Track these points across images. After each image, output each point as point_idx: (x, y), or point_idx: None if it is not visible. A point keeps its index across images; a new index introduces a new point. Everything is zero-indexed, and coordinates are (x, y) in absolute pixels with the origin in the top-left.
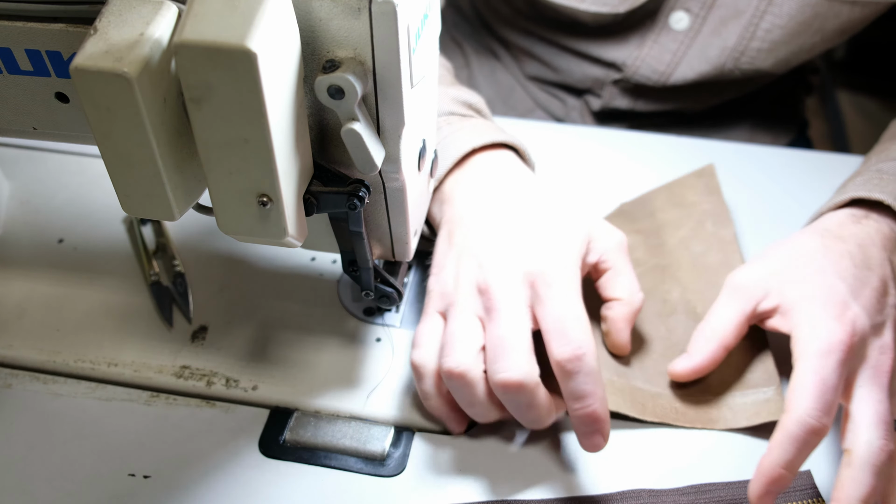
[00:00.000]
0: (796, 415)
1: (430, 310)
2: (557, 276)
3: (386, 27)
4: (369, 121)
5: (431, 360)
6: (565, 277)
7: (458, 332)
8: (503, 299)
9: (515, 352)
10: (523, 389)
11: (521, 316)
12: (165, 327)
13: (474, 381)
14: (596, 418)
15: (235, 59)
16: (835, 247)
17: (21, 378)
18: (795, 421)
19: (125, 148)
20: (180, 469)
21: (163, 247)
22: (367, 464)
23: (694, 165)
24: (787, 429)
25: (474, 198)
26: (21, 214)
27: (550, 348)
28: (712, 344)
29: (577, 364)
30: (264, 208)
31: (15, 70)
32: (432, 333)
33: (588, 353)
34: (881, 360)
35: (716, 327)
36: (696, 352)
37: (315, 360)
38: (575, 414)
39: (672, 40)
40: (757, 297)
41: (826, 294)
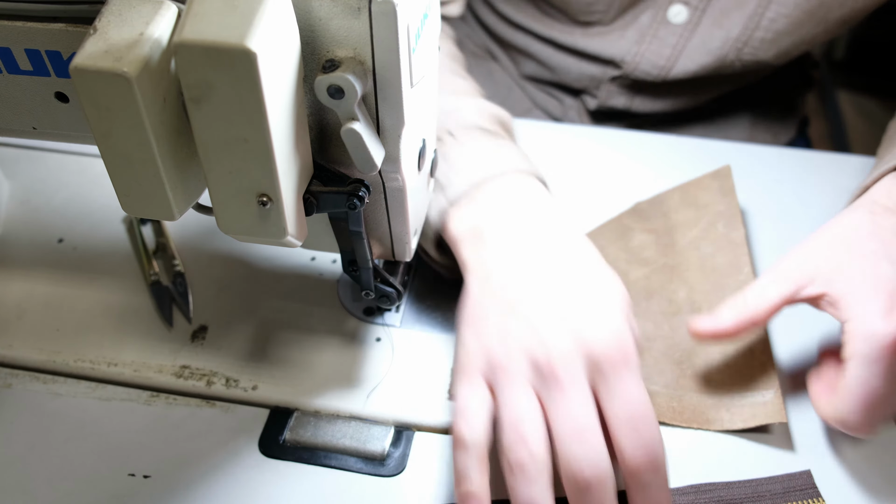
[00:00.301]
0: (845, 428)
1: (473, 372)
2: (624, 355)
3: (386, 27)
4: (369, 120)
5: (482, 437)
6: (631, 357)
7: (523, 414)
8: (569, 378)
9: (591, 442)
10: (602, 484)
11: (589, 398)
12: (165, 327)
13: (542, 471)
14: None
15: (235, 58)
16: (885, 223)
17: (21, 378)
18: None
19: (125, 148)
20: (180, 469)
21: (163, 247)
22: (367, 464)
23: (694, 165)
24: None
25: (511, 240)
26: (21, 214)
27: (621, 444)
28: (743, 315)
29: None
30: (264, 208)
31: (14, 70)
32: (481, 404)
33: (662, 456)
34: None
35: (750, 302)
36: (724, 316)
37: (315, 359)
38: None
39: (671, 34)
40: (801, 282)
41: (874, 284)
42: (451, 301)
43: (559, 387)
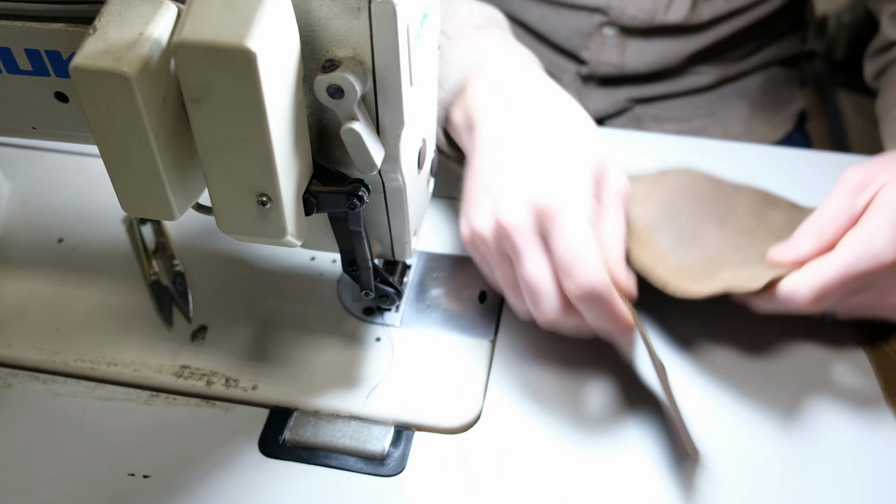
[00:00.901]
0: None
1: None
2: (561, 208)
3: (385, 27)
4: (369, 120)
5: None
6: (568, 208)
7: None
8: (522, 244)
9: (546, 296)
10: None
11: (542, 256)
12: (165, 327)
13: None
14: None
15: (235, 58)
16: None
17: (21, 378)
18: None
19: (125, 147)
20: (180, 468)
21: (162, 246)
22: (367, 463)
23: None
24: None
25: (497, 123)
26: (21, 214)
27: (564, 286)
28: (819, 241)
29: (590, 302)
30: (264, 208)
31: (14, 70)
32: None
33: (599, 288)
34: None
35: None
36: (802, 244)
37: (315, 359)
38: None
39: None
40: (859, 188)
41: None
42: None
43: (516, 253)
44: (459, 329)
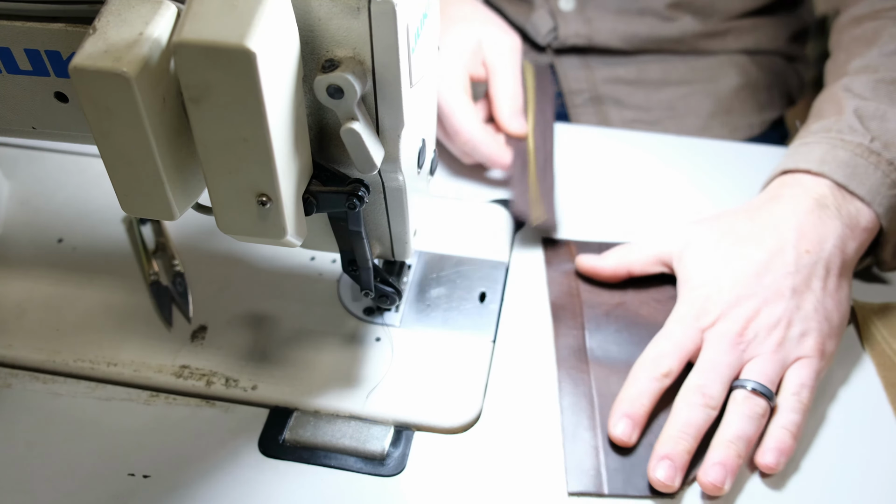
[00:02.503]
0: (640, 358)
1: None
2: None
3: (385, 27)
4: (369, 120)
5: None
6: (448, 94)
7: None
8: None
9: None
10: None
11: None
12: (165, 327)
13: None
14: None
15: (234, 58)
16: (738, 227)
17: (21, 378)
18: (638, 362)
19: (124, 148)
20: (180, 469)
21: (162, 246)
22: (367, 463)
23: (695, 164)
24: (633, 370)
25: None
26: (21, 214)
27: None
28: (621, 262)
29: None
30: (263, 208)
31: (14, 70)
32: None
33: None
34: (727, 327)
35: (632, 256)
36: (605, 259)
37: (315, 359)
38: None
39: None
40: (662, 256)
41: (697, 269)
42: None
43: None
44: (459, 329)
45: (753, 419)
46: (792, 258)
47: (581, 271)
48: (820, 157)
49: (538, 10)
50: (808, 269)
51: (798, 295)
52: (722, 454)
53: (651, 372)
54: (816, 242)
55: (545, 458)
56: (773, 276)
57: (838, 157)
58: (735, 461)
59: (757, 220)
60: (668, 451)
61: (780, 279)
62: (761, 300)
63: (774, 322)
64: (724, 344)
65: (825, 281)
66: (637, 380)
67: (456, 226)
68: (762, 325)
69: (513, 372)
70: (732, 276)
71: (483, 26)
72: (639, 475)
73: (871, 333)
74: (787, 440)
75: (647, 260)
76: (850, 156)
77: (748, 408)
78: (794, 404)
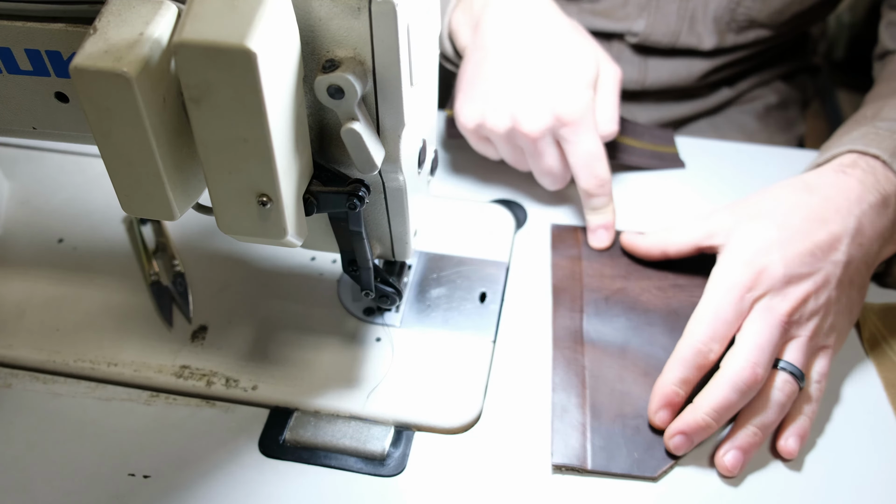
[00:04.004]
0: (688, 340)
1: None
2: (579, 118)
3: (386, 27)
4: (369, 120)
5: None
6: (585, 119)
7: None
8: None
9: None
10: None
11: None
12: (165, 327)
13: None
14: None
15: (235, 58)
16: (795, 199)
17: (21, 378)
18: (687, 345)
19: (125, 148)
20: (180, 469)
21: (163, 246)
22: (367, 463)
23: (696, 165)
24: (680, 351)
25: (501, 27)
26: (21, 214)
27: (578, 180)
28: (658, 245)
29: (601, 190)
30: (264, 208)
31: (15, 70)
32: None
33: (608, 184)
34: (778, 304)
35: (670, 238)
36: (646, 238)
37: (315, 359)
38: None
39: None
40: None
41: (752, 240)
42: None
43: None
44: (459, 329)
45: (786, 406)
46: (847, 249)
47: (622, 246)
48: (892, 149)
49: None
50: (855, 265)
51: (840, 288)
52: (747, 440)
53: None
54: (869, 238)
55: (545, 458)
56: (829, 261)
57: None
58: (755, 447)
59: (819, 193)
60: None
61: (833, 267)
62: (813, 284)
63: (817, 309)
64: (774, 320)
65: (864, 279)
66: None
67: (456, 226)
68: (808, 310)
69: (513, 372)
70: (792, 251)
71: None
72: (622, 454)
73: (872, 333)
74: (807, 427)
75: (685, 243)
76: None
77: (784, 394)
78: (816, 393)
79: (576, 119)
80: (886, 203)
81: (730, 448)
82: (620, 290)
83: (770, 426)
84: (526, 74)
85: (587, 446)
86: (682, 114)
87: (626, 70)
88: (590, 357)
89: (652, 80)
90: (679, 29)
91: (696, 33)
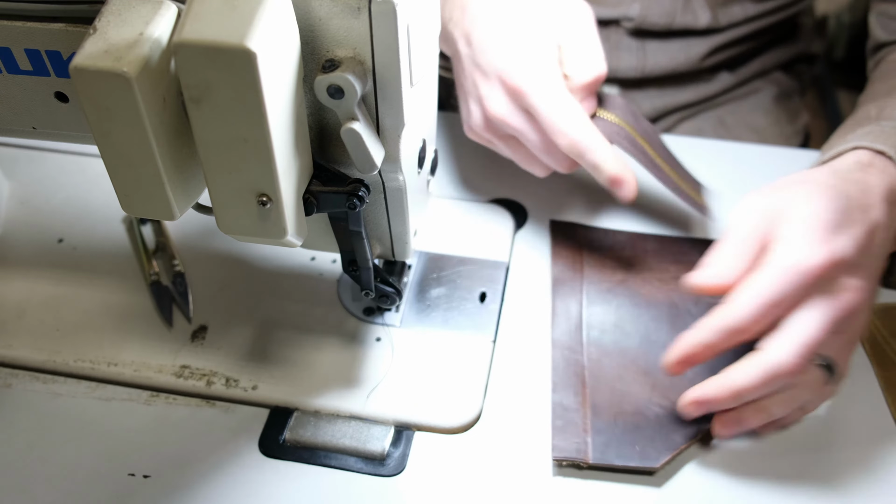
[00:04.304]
0: (731, 310)
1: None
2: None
3: (385, 27)
4: (369, 120)
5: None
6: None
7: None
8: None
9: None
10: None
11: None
12: (165, 327)
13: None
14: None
15: (235, 58)
16: (839, 185)
17: (21, 378)
18: (728, 314)
19: (125, 148)
20: (180, 469)
21: (162, 246)
22: (367, 463)
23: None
24: (717, 319)
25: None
26: (21, 214)
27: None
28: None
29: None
30: (264, 208)
31: (14, 70)
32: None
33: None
34: (843, 296)
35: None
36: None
37: (315, 359)
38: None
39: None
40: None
41: (814, 219)
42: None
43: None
44: (459, 329)
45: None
46: (880, 241)
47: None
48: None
49: None
50: (877, 261)
51: (872, 282)
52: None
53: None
54: (891, 232)
55: (545, 457)
56: (871, 254)
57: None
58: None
59: (852, 183)
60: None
61: (874, 259)
62: (867, 276)
63: (863, 304)
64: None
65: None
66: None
67: (456, 226)
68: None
69: (513, 372)
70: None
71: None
72: (623, 447)
73: (872, 333)
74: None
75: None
76: None
77: (813, 392)
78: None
79: (524, 85)
80: (892, 199)
81: (731, 418)
82: (622, 282)
83: (781, 416)
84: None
85: (587, 440)
86: (685, 100)
87: (626, 58)
88: (589, 356)
89: (651, 66)
90: (674, 9)
91: (692, 10)
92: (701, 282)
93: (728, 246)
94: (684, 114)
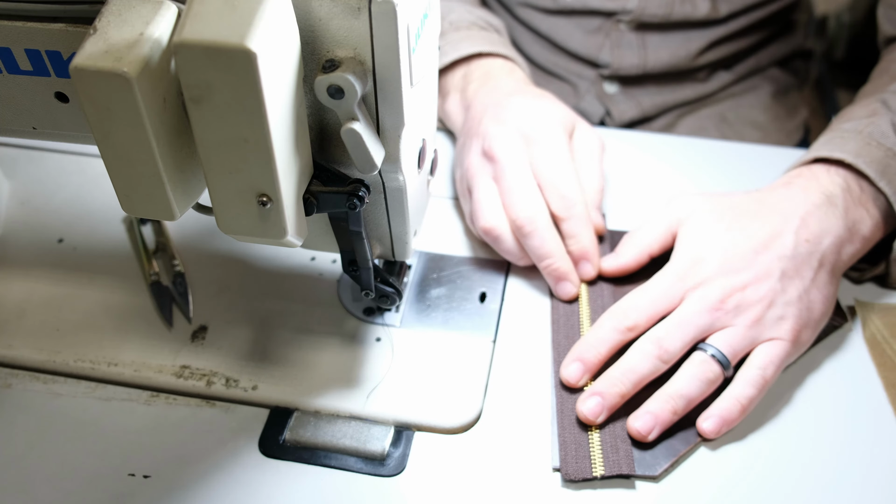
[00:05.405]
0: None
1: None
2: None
3: (386, 27)
4: (369, 120)
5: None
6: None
7: (482, 199)
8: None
9: (522, 196)
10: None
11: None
12: (165, 327)
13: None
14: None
15: (235, 58)
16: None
17: (21, 378)
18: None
19: (125, 148)
20: (180, 469)
21: (163, 246)
22: (367, 463)
23: (698, 165)
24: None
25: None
26: (21, 214)
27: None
28: (638, 249)
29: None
30: (264, 208)
31: (15, 70)
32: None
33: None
34: (708, 293)
35: (644, 237)
36: (623, 254)
37: (315, 359)
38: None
39: None
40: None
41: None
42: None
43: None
44: (459, 329)
45: (702, 383)
46: (790, 243)
47: (607, 275)
48: (856, 149)
49: (586, 96)
50: (803, 258)
51: (786, 279)
52: (658, 406)
53: (617, 323)
54: (817, 235)
55: (545, 458)
56: (768, 256)
57: (872, 154)
58: (668, 416)
59: (765, 202)
60: (603, 389)
61: (774, 260)
62: (751, 276)
63: (757, 299)
64: (701, 306)
65: (816, 273)
66: (601, 327)
67: (456, 226)
68: (744, 299)
69: (513, 372)
70: (729, 246)
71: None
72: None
73: (872, 333)
74: (735, 412)
75: (661, 236)
76: (883, 156)
77: (701, 371)
78: (755, 378)
79: (541, 135)
80: (831, 202)
81: (643, 413)
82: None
83: (685, 398)
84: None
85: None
86: (685, 97)
87: (627, 55)
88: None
89: (652, 62)
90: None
91: (691, 0)
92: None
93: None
94: (684, 110)
